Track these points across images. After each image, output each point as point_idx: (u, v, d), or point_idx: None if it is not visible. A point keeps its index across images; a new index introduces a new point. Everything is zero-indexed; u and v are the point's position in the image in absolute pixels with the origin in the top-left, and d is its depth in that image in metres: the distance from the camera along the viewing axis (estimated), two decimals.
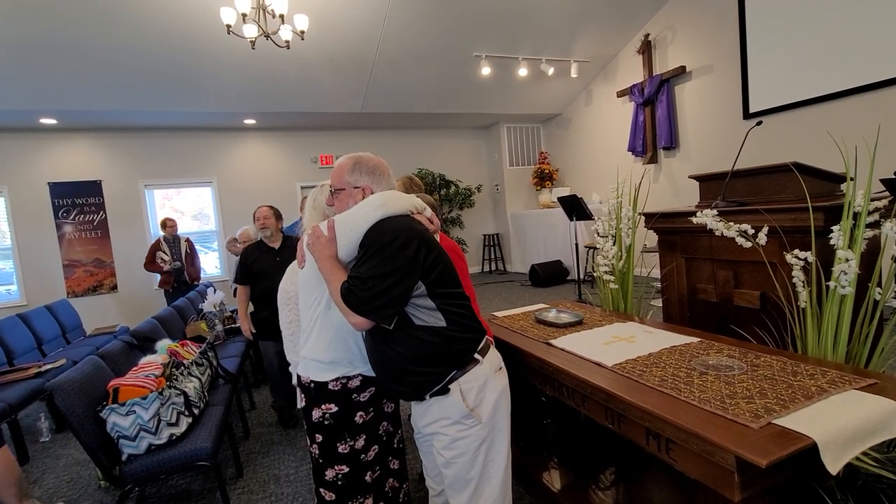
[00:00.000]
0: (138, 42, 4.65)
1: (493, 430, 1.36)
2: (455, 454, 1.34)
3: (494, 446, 1.37)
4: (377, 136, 8.10)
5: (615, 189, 2.49)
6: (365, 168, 1.40)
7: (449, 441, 1.33)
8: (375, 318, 1.25)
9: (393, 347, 1.30)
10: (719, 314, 2.07)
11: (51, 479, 2.77)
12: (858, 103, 4.38)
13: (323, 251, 1.33)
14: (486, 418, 1.33)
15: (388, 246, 1.24)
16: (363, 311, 1.23)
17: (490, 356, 1.39)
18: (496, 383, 1.37)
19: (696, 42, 5.78)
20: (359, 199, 1.38)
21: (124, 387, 2.12)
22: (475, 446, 1.33)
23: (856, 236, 1.48)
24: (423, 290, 1.28)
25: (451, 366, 1.31)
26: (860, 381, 1.21)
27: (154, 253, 5.49)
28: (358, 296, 1.21)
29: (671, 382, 1.30)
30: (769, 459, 0.90)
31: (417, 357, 1.29)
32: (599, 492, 1.92)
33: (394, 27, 5.30)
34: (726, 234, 1.70)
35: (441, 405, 1.33)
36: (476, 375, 1.33)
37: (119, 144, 6.61)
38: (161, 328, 3.36)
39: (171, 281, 5.57)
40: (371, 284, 1.21)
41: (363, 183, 1.39)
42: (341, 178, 1.41)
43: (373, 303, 1.21)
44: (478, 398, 1.33)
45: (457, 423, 1.32)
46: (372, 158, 1.43)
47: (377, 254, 1.24)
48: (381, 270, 1.22)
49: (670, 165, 6.35)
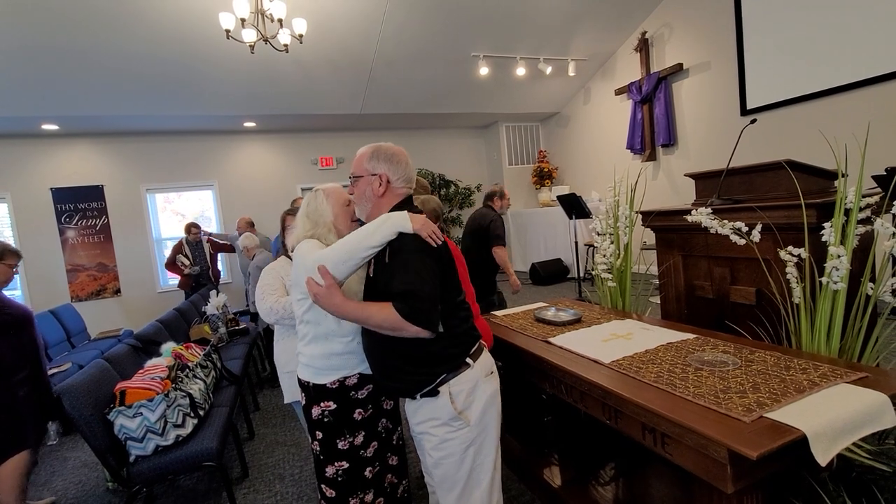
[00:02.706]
0: (139, 47, 4.68)
1: (482, 434, 1.37)
2: (443, 455, 1.36)
3: (483, 449, 1.38)
4: (376, 136, 8.09)
5: (612, 188, 2.51)
6: (383, 155, 1.40)
7: (438, 441, 1.35)
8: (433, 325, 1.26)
9: (390, 346, 1.32)
10: (716, 310, 2.10)
11: (59, 482, 2.81)
12: (850, 100, 4.40)
13: (332, 300, 1.30)
14: (475, 421, 1.35)
15: (418, 253, 1.27)
16: (433, 321, 1.25)
17: (482, 360, 1.40)
18: (486, 387, 1.38)
19: (693, 39, 5.80)
20: (376, 186, 1.38)
21: (131, 389, 2.15)
22: (462, 448, 1.35)
23: (847, 232, 1.50)
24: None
25: (443, 368, 1.33)
26: (852, 375, 1.24)
27: (175, 255, 5.58)
28: (421, 307, 1.22)
29: (667, 378, 1.32)
30: (759, 452, 0.93)
31: (411, 357, 1.32)
32: (600, 487, 1.95)
33: (391, 28, 5.33)
34: (720, 232, 1.72)
35: (431, 406, 1.35)
36: (466, 378, 1.34)
37: (120, 149, 6.64)
38: (165, 331, 3.40)
39: (189, 283, 5.66)
40: (429, 292, 1.24)
41: (381, 170, 1.39)
42: (360, 165, 1.41)
43: (434, 309, 1.25)
44: (467, 401, 1.34)
45: (445, 425, 1.34)
46: (391, 147, 1.43)
47: (413, 262, 1.26)
48: (426, 276, 1.25)
49: (669, 162, 6.37)
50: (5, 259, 2.28)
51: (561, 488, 1.97)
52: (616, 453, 2.11)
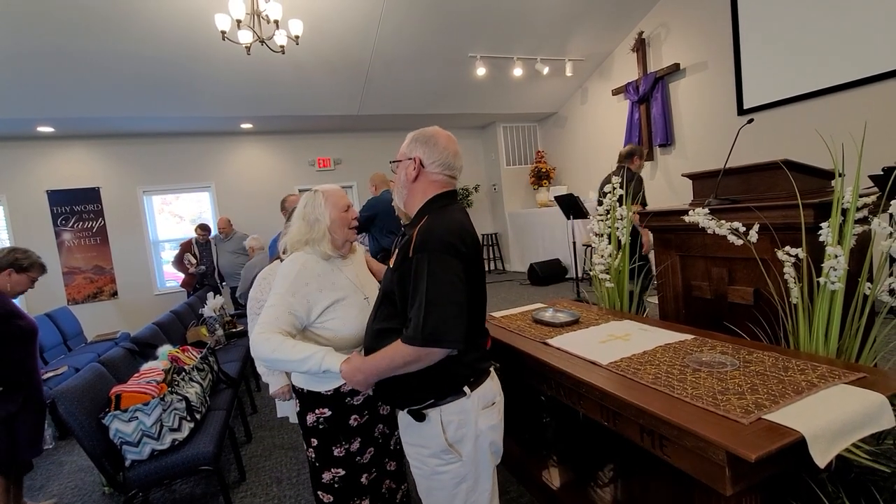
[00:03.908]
0: (134, 49, 4.66)
1: (476, 469, 1.24)
2: (432, 485, 1.26)
3: (478, 486, 1.25)
4: (374, 137, 8.11)
5: (612, 188, 2.50)
6: (421, 137, 1.31)
7: (428, 472, 1.26)
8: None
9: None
10: (714, 311, 2.09)
11: (55, 486, 2.79)
12: (847, 99, 4.40)
13: (364, 370, 1.23)
14: (468, 456, 1.22)
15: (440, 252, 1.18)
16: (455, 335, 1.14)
17: (482, 390, 1.25)
18: (484, 420, 1.24)
19: (690, 39, 5.80)
20: (410, 170, 1.29)
21: (126, 393, 2.14)
22: (454, 483, 1.23)
23: (845, 232, 1.50)
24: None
25: (432, 394, 1.21)
26: (850, 376, 1.23)
27: (183, 253, 5.56)
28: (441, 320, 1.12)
29: (665, 380, 1.32)
30: (758, 454, 0.92)
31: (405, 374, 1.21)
32: (598, 489, 1.94)
33: (388, 29, 5.32)
34: (718, 233, 1.72)
35: (420, 432, 1.25)
36: (459, 409, 1.21)
37: (117, 151, 6.62)
38: (162, 334, 3.38)
39: (193, 283, 5.64)
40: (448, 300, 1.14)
41: (416, 153, 1.29)
42: (402, 149, 1.34)
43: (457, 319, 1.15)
44: (459, 433, 1.21)
45: (435, 457, 1.23)
46: (432, 129, 1.33)
47: (431, 266, 1.16)
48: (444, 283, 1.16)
49: (666, 162, 6.37)
50: (31, 271, 2.32)
51: (559, 490, 1.96)
52: (615, 455, 2.10)
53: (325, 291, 1.44)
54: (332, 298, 1.44)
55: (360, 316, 1.46)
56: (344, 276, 1.51)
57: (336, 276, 1.49)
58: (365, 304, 1.50)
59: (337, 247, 1.51)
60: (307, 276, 1.42)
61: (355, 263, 1.61)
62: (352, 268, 1.57)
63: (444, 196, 1.29)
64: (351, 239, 1.57)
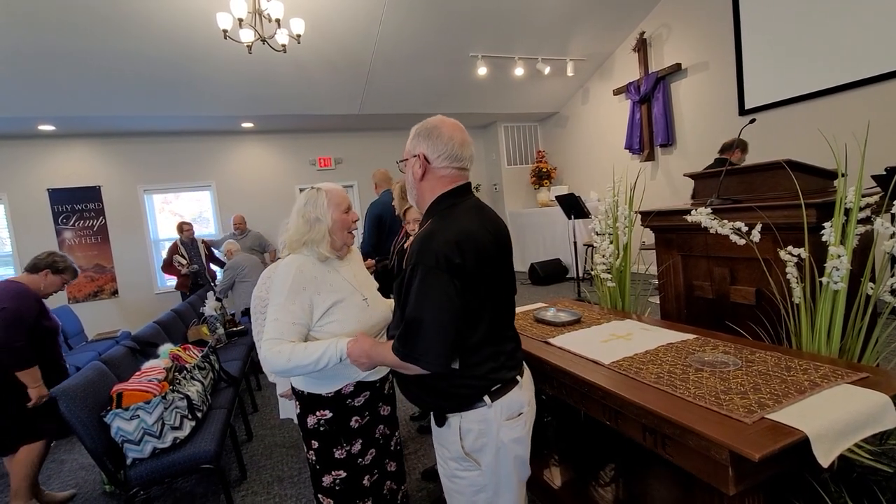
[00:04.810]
0: (135, 48, 4.66)
1: (497, 482, 1.19)
2: (452, 488, 1.25)
3: (498, 500, 1.19)
4: (375, 137, 8.11)
5: (612, 188, 2.50)
6: (423, 132, 1.22)
7: (449, 473, 1.24)
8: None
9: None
10: (716, 311, 2.09)
11: (56, 484, 2.79)
12: (850, 99, 4.40)
13: (372, 356, 1.25)
14: (488, 466, 1.17)
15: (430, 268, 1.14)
16: (436, 359, 1.11)
17: (506, 400, 1.18)
18: (507, 431, 1.17)
19: (691, 39, 5.80)
20: (416, 168, 1.21)
21: (128, 392, 2.14)
22: (472, 491, 1.20)
23: (847, 232, 1.50)
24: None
25: (448, 404, 1.18)
26: (852, 375, 1.23)
27: (171, 256, 5.53)
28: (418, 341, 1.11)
29: (667, 379, 1.32)
30: (762, 453, 0.92)
31: (420, 380, 1.18)
32: (600, 488, 1.94)
33: (390, 29, 5.32)
34: (720, 232, 1.72)
35: (441, 433, 1.22)
36: (480, 417, 1.16)
37: (118, 150, 6.62)
38: (163, 332, 3.38)
39: (188, 284, 5.61)
40: (431, 321, 1.11)
41: (420, 149, 1.21)
42: (407, 146, 1.27)
43: (439, 343, 1.12)
44: (478, 442, 1.16)
45: (454, 461, 1.21)
46: (435, 119, 1.24)
47: (422, 281, 1.12)
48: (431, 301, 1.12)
49: (667, 162, 6.37)
50: (64, 273, 2.47)
51: (561, 489, 1.96)
52: (616, 454, 2.10)
53: (324, 294, 1.41)
54: (330, 301, 1.41)
55: (359, 317, 1.43)
56: (341, 276, 1.48)
57: (333, 278, 1.45)
58: (364, 305, 1.47)
59: (335, 249, 1.47)
60: (304, 281, 1.39)
61: (352, 263, 1.57)
62: (349, 268, 1.54)
63: (452, 194, 1.21)
64: (349, 242, 1.53)
